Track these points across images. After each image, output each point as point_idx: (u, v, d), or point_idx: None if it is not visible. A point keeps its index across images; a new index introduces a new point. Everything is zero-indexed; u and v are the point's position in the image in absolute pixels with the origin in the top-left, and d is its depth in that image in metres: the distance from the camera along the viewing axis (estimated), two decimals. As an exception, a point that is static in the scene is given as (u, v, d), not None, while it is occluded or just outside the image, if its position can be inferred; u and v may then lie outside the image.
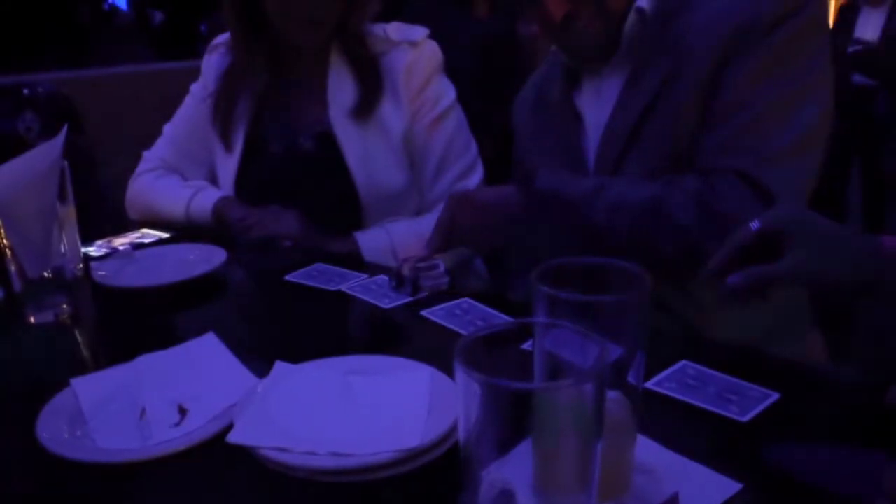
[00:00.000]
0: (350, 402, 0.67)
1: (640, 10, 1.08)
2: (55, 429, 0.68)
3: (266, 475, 0.60)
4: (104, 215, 1.65)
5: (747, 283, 0.76)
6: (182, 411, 0.70)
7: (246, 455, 0.62)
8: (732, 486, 0.56)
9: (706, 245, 1.01)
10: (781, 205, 0.83)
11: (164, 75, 2.51)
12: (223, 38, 1.53)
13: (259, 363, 0.77)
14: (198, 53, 3.28)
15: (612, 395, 0.53)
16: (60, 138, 1.02)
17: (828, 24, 1.07)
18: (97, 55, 3.10)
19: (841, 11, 5.36)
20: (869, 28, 4.70)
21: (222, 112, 1.44)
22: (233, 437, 0.63)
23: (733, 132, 1.02)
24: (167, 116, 1.60)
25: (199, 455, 0.64)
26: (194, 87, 1.57)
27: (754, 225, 0.79)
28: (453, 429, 0.59)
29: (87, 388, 0.74)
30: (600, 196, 1.03)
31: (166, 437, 0.66)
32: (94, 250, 1.30)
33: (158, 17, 4.40)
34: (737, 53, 1.02)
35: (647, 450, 0.59)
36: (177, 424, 0.68)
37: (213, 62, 1.52)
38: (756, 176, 0.99)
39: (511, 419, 0.39)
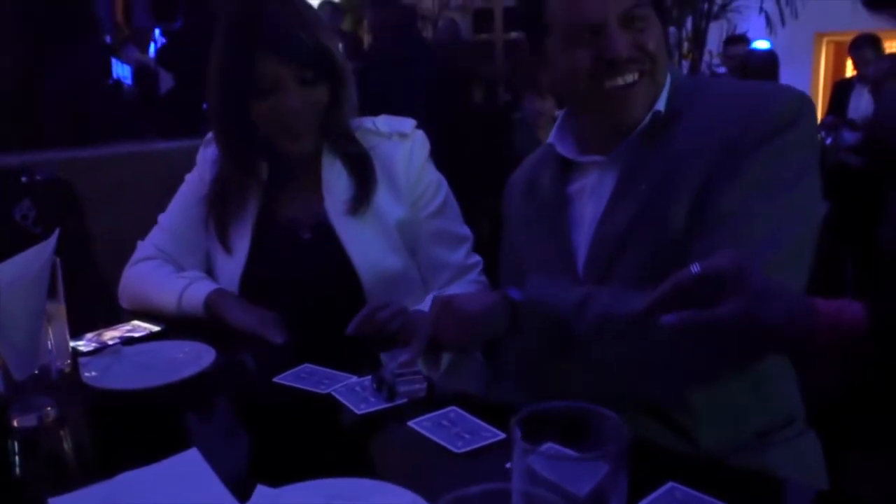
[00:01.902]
0: (330, 533, 0.66)
1: (657, 112, 1.12)
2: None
3: None
4: (97, 303, 1.65)
5: (682, 323, 0.79)
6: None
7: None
8: None
9: (693, 359, 1.02)
10: (724, 252, 0.83)
11: (165, 155, 2.55)
12: None
13: (241, 481, 0.76)
14: (198, 131, 3.34)
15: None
16: (52, 240, 1.03)
17: (817, 139, 1.10)
18: (100, 130, 3.16)
19: (835, 88, 5.50)
20: (862, 105, 4.82)
21: (218, 219, 1.47)
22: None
23: (724, 241, 1.02)
24: (165, 198, 1.62)
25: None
26: (189, 178, 1.59)
27: (695, 268, 0.81)
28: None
29: (65, 509, 0.72)
30: (586, 311, 1.03)
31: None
32: (83, 344, 1.29)
33: (167, 82, 4.49)
34: (728, 165, 1.04)
35: None
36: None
37: (208, 156, 1.55)
38: None
39: None
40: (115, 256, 1.61)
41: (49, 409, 1.01)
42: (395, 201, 1.45)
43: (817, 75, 8.94)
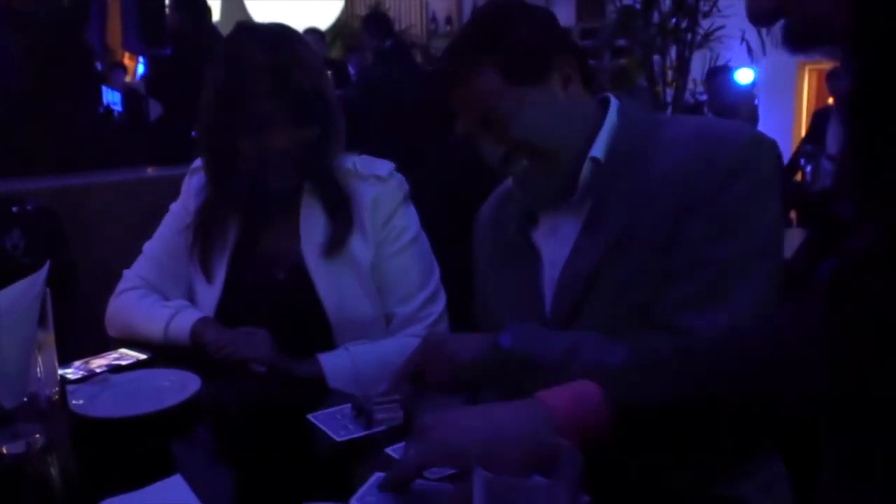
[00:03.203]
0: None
1: (594, 160, 1.14)
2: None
3: None
4: (84, 331, 1.68)
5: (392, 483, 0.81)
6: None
7: None
8: None
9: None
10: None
11: (154, 182, 2.59)
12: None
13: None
14: (189, 157, 3.38)
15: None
16: (44, 271, 1.07)
17: (779, 178, 1.13)
18: (91, 156, 3.20)
19: (814, 117, 5.59)
20: (840, 135, 4.90)
21: (200, 248, 1.50)
22: None
23: (697, 291, 1.06)
24: (151, 227, 1.64)
25: None
26: (174, 207, 1.62)
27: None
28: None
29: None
30: (573, 361, 1.05)
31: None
32: (71, 372, 1.32)
33: (156, 110, 4.53)
34: (693, 208, 1.07)
35: None
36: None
37: (192, 185, 1.58)
38: (725, 345, 1.02)
39: None
40: (104, 284, 1.64)
41: (37, 436, 1.04)
42: (364, 244, 1.47)
43: (800, 103, 9.06)
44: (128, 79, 7.06)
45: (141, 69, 6.08)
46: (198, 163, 1.59)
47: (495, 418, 0.80)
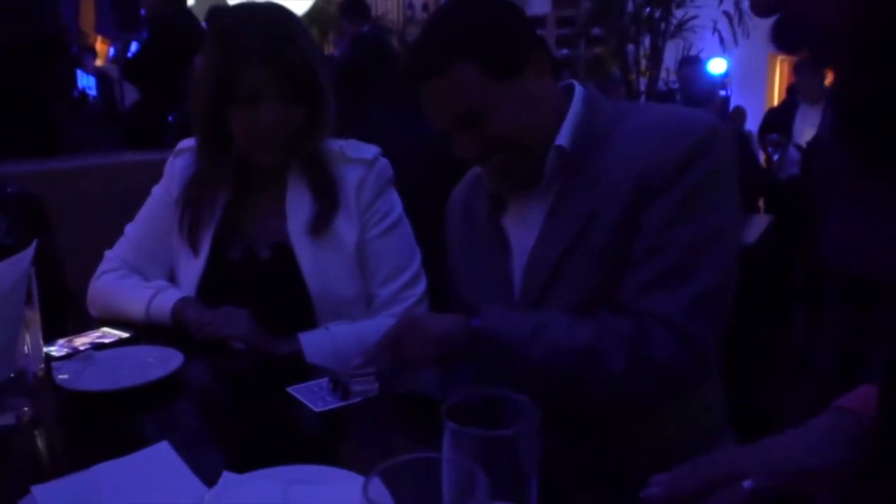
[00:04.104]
0: (289, 510, 0.74)
1: (559, 148, 1.19)
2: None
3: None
4: (67, 311, 1.71)
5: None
6: (134, 518, 0.77)
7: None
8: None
9: (634, 390, 1.11)
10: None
11: (134, 166, 2.60)
12: (188, 143, 1.61)
13: (208, 471, 0.83)
14: (164, 142, 3.39)
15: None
16: (30, 251, 1.10)
17: (735, 164, 1.17)
18: (67, 141, 3.20)
19: (780, 109, 5.68)
20: (807, 126, 5.00)
21: (189, 220, 1.52)
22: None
23: (656, 274, 1.11)
24: (131, 210, 1.67)
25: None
26: (156, 190, 1.64)
27: (747, 484, 0.75)
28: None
29: (48, 495, 0.80)
30: (538, 338, 1.11)
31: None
32: (55, 350, 1.35)
33: (130, 95, 4.52)
34: (652, 195, 1.12)
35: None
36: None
37: (176, 167, 1.60)
38: (683, 325, 1.08)
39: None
40: (85, 264, 1.67)
41: (25, 409, 1.08)
42: (349, 224, 1.50)
43: (772, 93, 9.20)
44: (98, 62, 7.00)
45: (112, 52, 6.01)
46: (182, 144, 1.61)
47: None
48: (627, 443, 1.19)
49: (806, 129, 4.75)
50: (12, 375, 1.08)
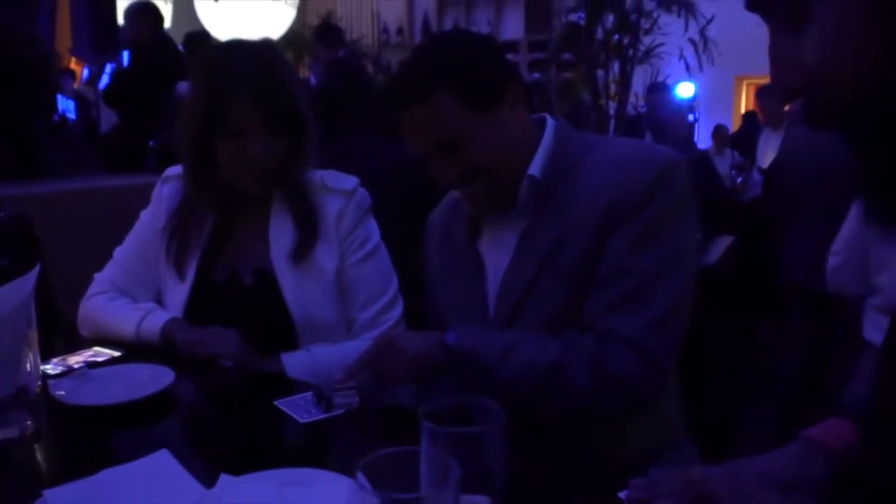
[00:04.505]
0: (283, 507, 0.83)
1: (531, 177, 1.29)
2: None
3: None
4: (55, 330, 1.77)
5: None
6: (141, 518, 0.85)
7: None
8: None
9: (597, 404, 1.20)
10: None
11: (120, 191, 2.66)
12: (175, 170, 1.68)
13: (205, 475, 0.92)
14: (145, 166, 3.46)
15: (481, 498, 0.70)
16: (34, 274, 1.18)
17: (693, 195, 1.28)
18: (48, 165, 3.26)
19: (742, 133, 5.87)
20: (769, 150, 5.18)
21: (176, 246, 1.60)
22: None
23: (619, 296, 1.21)
24: (116, 231, 1.73)
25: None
26: (144, 215, 1.72)
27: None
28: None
29: (59, 498, 0.87)
30: (510, 357, 1.20)
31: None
32: (50, 368, 1.42)
33: (108, 118, 4.57)
34: (617, 224, 1.22)
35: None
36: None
37: (164, 193, 1.68)
38: (644, 343, 1.18)
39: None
40: (70, 285, 1.73)
41: (28, 422, 1.15)
42: (329, 252, 1.58)
43: (738, 115, 9.42)
44: (75, 85, 7.03)
45: (86, 74, 6.04)
46: (169, 171, 1.69)
47: None
48: (591, 452, 1.28)
49: (768, 152, 4.92)
50: (15, 391, 1.15)
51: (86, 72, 6.07)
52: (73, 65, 7.55)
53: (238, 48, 1.57)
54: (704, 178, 4.02)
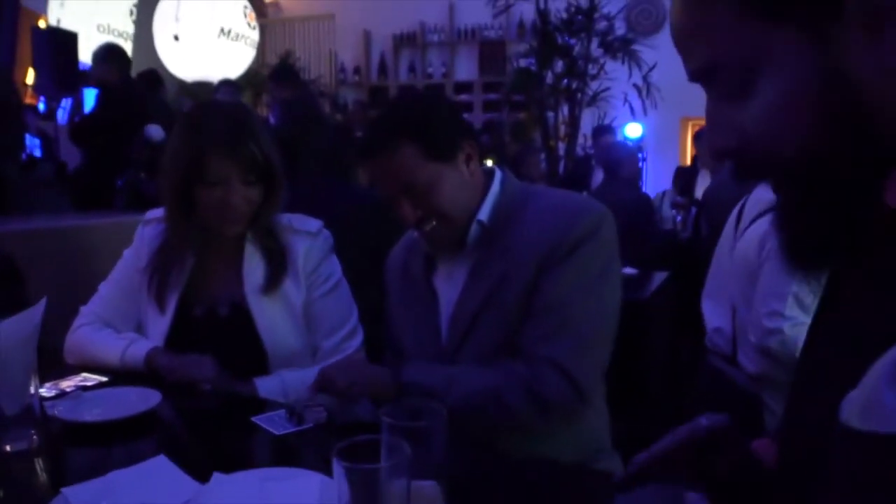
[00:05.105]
0: (267, 496, 1.01)
1: (480, 222, 1.51)
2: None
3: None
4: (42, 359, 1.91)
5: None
6: (148, 508, 1.02)
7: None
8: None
9: (528, 418, 1.40)
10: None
11: (87, 229, 2.81)
12: (155, 213, 1.87)
13: (199, 475, 1.09)
14: (113, 204, 3.59)
15: (429, 483, 0.89)
16: (41, 305, 1.35)
17: (616, 241, 1.50)
18: (20, 204, 3.39)
19: (681, 171, 6.19)
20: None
21: (157, 282, 1.77)
22: (192, 518, 0.96)
23: (550, 327, 1.41)
24: (89, 267, 1.89)
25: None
26: (127, 254, 1.89)
27: (704, 420, 0.85)
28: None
29: (76, 495, 1.04)
30: (452, 387, 1.40)
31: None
32: (44, 391, 1.57)
33: (68, 153, 4.66)
34: (551, 264, 1.42)
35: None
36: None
37: (146, 235, 1.86)
38: (568, 367, 1.39)
39: (362, 490, 0.76)
40: (49, 317, 1.89)
41: (34, 437, 1.31)
42: (296, 287, 1.78)
43: (685, 155, 9.81)
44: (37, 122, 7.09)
45: (42, 109, 6.11)
46: (149, 214, 1.87)
47: None
48: (527, 459, 1.48)
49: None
50: (22, 410, 1.31)
51: (41, 106, 6.12)
52: (27, 98, 7.63)
53: (215, 108, 1.76)
54: (645, 219, 4.29)
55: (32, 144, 4.61)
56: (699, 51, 0.66)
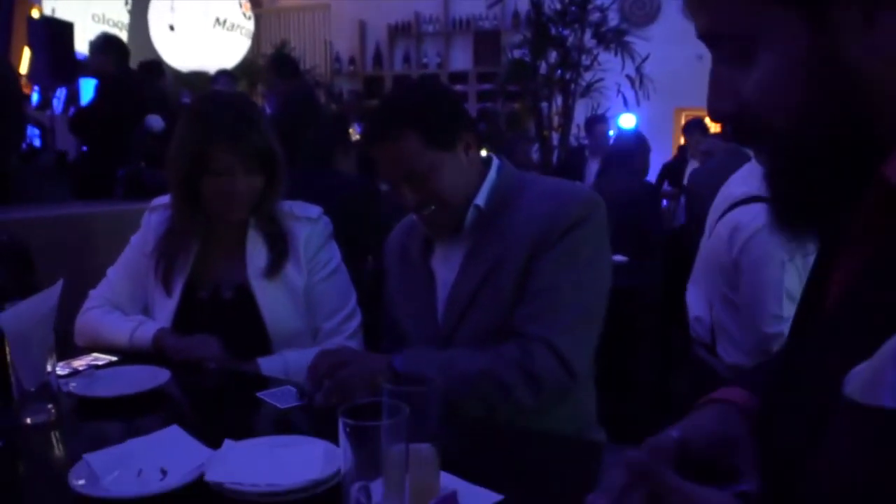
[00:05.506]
0: (276, 459, 1.09)
1: (477, 207, 1.58)
2: (80, 480, 1.06)
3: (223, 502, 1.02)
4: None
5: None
6: (163, 472, 1.10)
7: (208, 494, 1.03)
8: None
9: (521, 396, 1.46)
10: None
11: (91, 217, 2.88)
12: (161, 200, 1.94)
13: (210, 442, 1.17)
14: (113, 194, 3.65)
15: (425, 445, 0.98)
16: (58, 286, 1.42)
17: (606, 226, 1.56)
18: (21, 192, 3.45)
19: (673, 161, 6.27)
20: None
21: (164, 267, 1.85)
22: (208, 477, 1.04)
23: (540, 307, 1.48)
24: (94, 253, 1.95)
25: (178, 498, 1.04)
26: (134, 239, 1.97)
27: (674, 433, 0.82)
28: (338, 471, 1.02)
29: (97, 460, 1.12)
30: (448, 371, 1.43)
31: (155, 487, 1.05)
32: (59, 369, 1.64)
33: (65, 144, 4.71)
34: (543, 249, 1.49)
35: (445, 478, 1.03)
36: (161, 479, 1.08)
37: (152, 221, 1.93)
38: (558, 346, 1.45)
39: (364, 448, 0.84)
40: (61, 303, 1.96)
41: (52, 410, 1.39)
42: (298, 271, 1.86)
43: (678, 143, 9.87)
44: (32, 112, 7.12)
45: (36, 99, 6.12)
46: (156, 201, 1.95)
47: None
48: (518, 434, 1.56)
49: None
50: (41, 385, 1.39)
51: (35, 96, 6.14)
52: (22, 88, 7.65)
53: (221, 100, 1.84)
54: (652, 210, 4.32)
55: (32, 134, 4.65)
56: (703, 19, 0.68)
